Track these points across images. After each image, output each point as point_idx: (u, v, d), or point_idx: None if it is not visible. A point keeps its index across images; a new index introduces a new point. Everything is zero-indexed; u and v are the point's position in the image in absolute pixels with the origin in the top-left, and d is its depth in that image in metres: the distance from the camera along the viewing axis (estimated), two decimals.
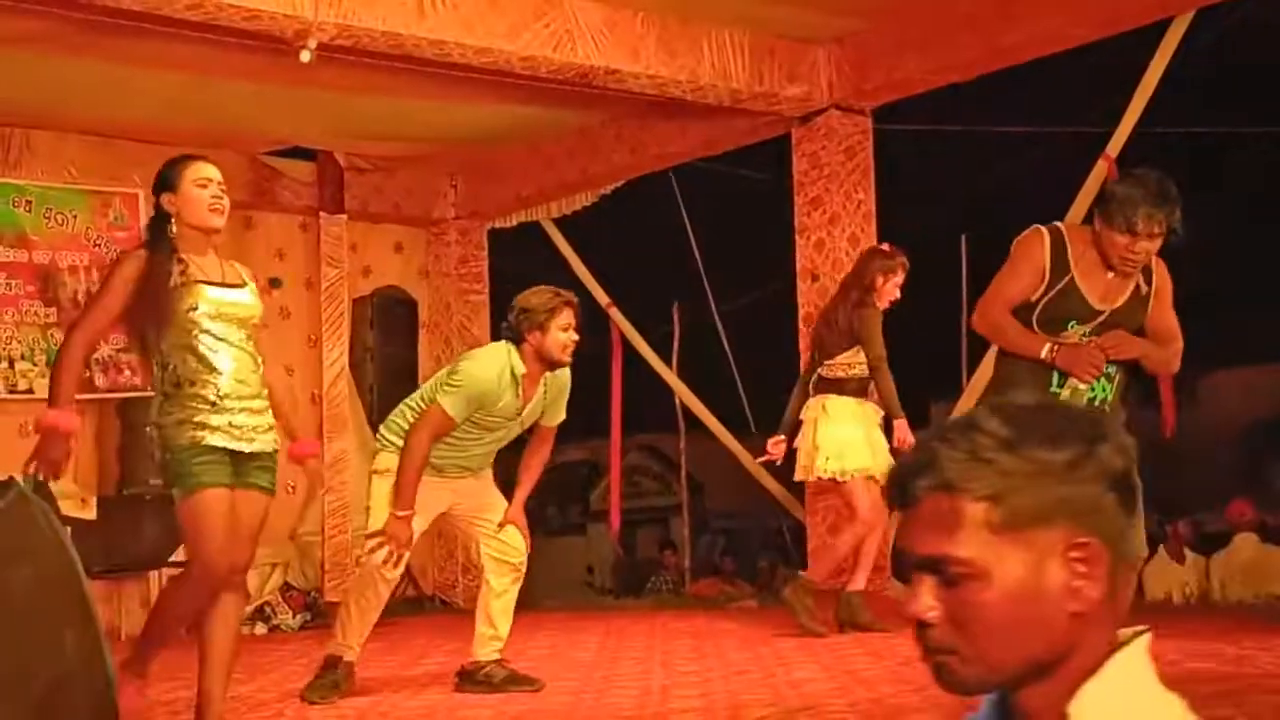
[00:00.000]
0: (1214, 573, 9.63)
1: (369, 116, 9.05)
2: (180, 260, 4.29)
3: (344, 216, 9.80)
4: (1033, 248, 4.27)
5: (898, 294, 6.85)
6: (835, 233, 8.42)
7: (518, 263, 11.45)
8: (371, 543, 5.34)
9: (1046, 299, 4.33)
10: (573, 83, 7.82)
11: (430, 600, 10.35)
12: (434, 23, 7.02)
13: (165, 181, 4.41)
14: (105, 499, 8.53)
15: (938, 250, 9.92)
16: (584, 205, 10.22)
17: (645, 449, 20.95)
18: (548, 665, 6.35)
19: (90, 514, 8.33)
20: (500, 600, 5.58)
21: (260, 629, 9.01)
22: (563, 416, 5.62)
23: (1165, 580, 9.43)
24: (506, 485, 5.71)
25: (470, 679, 5.51)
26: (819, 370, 6.88)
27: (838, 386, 6.82)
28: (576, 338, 5.36)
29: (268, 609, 9.14)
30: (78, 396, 7.35)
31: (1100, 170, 7.96)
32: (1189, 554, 10.08)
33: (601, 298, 10.36)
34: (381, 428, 5.56)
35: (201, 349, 4.26)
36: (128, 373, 8.84)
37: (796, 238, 8.63)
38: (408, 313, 10.53)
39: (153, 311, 4.25)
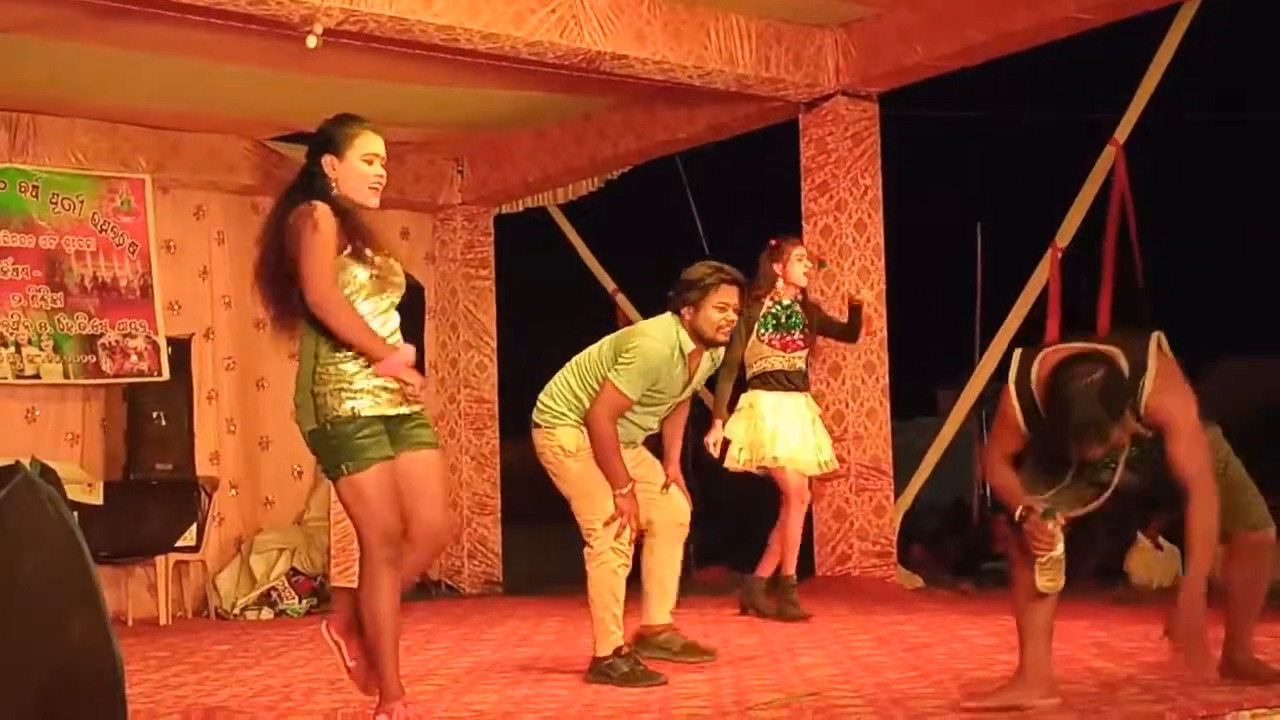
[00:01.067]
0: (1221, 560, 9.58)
1: (375, 102, 9.02)
2: (374, 239, 4.20)
3: None
4: (1005, 408, 4.12)
5: (803, 278, 7.16)
6: (842, 219, 8.41)
7: (524, 249, 11.47)
8: (600, 530, 5.17)
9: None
10: (579, 68, 7.81)
11: (436, 586, 10.36)
12: (441, 8, 7.01)
13: (331, 142, 4.19)
14: (112, 484, 8.55)
15: (946, 237, 9.91)
16: (590, 191, 10.21)
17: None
18: (554, 651, 6.36)
19: (97, 499, 8.35)
20: (672, 563, 5.55)
21: (266, 614, 9.03)
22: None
23: (1148, 567, 9.40)
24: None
25: (648, 645, 5.46)
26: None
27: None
28: (734, 318, 5.23)
29: (274, 594, 9.15)
30: (85, 382, 7.37)
31: (1109, 155, 7.94)
32: (1165, 543, 10.00)
33: (607, 284, 10.36)
34: (543, 397, 5.38)
35: (365, 308, 4.14)
36: (134, 358, 8.86)
37: (803, 224, 8.62)
38: (414, 299, 10.45)
39: (359, 259, 4.11)
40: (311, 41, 6.99)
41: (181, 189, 9.52)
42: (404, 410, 4.18)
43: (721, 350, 5.42)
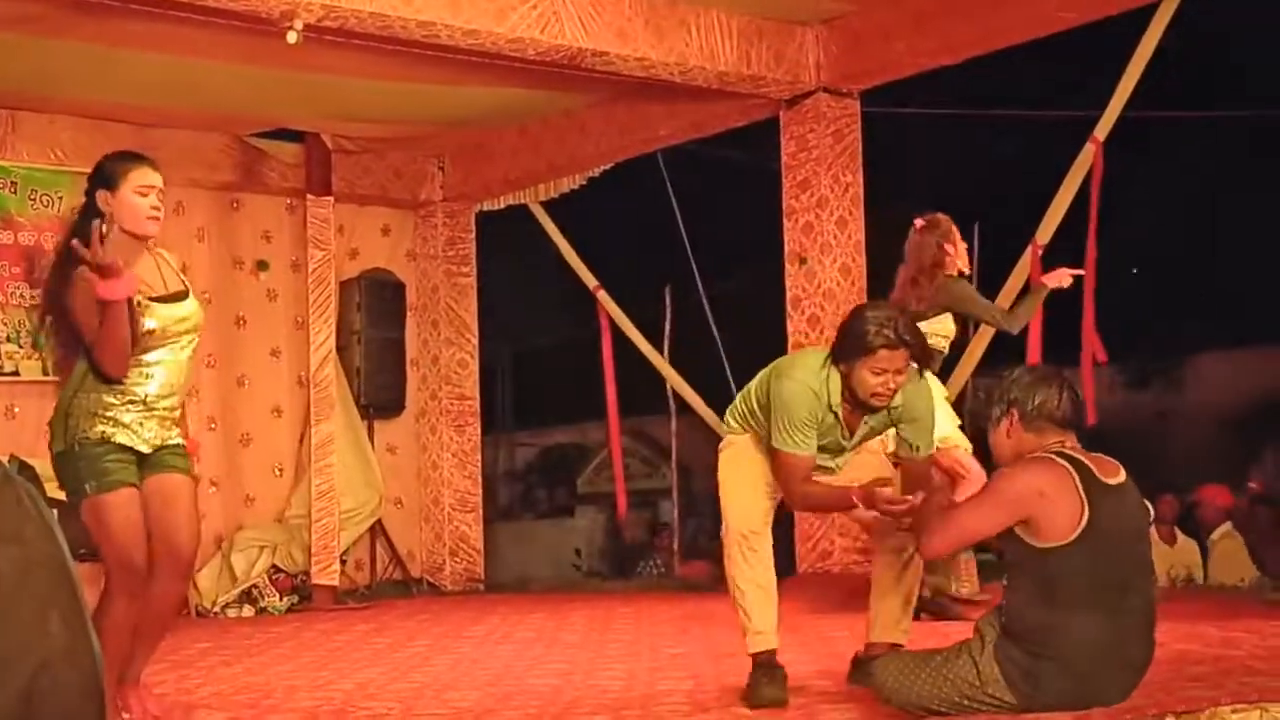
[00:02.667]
0: (1216, 557, 9.64)
1: (356, 98, 9.02)
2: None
3: (331, 198, 9.76)
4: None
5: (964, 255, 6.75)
6: (823, 215, 8.42)
7: (505, 245, 11.47)
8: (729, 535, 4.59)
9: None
10: (560, 65, 7.80)
11: (418, 583, 10.36)
12: (421, 4, 7.00)
13: (105, 178, 4.23)
14: None
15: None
16: (572, 188, 10.20)
17: (632, 432, 20.94)
18: (535, 648, 6.36)
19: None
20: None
21: (248, 611, 9.01)
22: (928, 445, 4.55)
23: (1157, 562, 9.45)
24: None
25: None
26: None
27: None
28: (894, 385, 4.31)
29: (255, 591, 9.13)
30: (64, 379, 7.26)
31: (1088, 153, 7.96)
32: (1180, 536, 10.10)
33: (589, 280, 10.35)
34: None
35: (142, 364, 4.15)
36: None
37: (784, 220, 8.62)
38: (395, 295, 10.51)
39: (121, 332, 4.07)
40: (292, 37, 6.97)
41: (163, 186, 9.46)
42: (155, 447, 4.19)
43: (913, 390, 4.47)
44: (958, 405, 6.93)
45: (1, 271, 8.61)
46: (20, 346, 8.60)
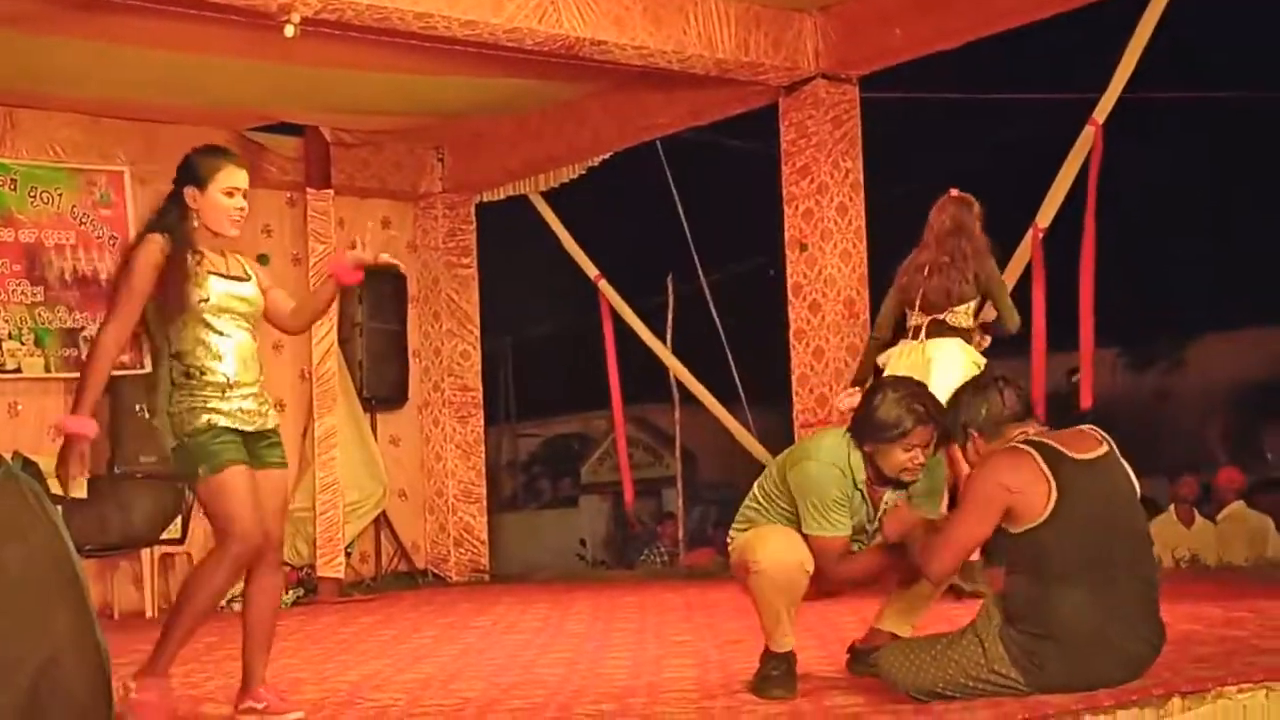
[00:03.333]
0: (1216, 538, 9.65)
1: (354, 91, 9.01)
2: (197, 251, 4.30)
3: (331, 191, 9.76)
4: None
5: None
6: (823, 202, 8.41)
7: (506, 236, 11.46)
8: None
9: None
10: (558, 54, 7.80)
11: (423, 575, 10.37)
12: None
13: (194, 175, 4.35)
14: (96, 478, 8.50)
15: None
16: (571, 178, 10.19)
17: (635, 420, 20.96)
18: (540, 637, 6.37)
19: (81, 493, 8.28)
20: None
21: None
22: (937, 510, 4.53)
23: (1169, 543, 9.46)
24: None
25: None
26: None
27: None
28: (923, 459, 4.28)
29: None
30: (67, 375, 7.44)
31: (1088, 136, 7.95)
32: (1198, 518, 10.06)
33: (590, 270, 10.35)
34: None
35: (209, 339, 4.28)
36: None
37: (785, 207, 8.62)
38: (396, 287, 10.51)
39: (174, 300, 4.23)
40: (289, 30, 6.96)
41: (161, 181, 9.40)
42: (258, 428, 4.38)
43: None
44: None
45: (2, 269, 8.60)
46: (22, 344, 8.60)
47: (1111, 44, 7.91)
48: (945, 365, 6.47)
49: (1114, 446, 3.98)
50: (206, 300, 4.26)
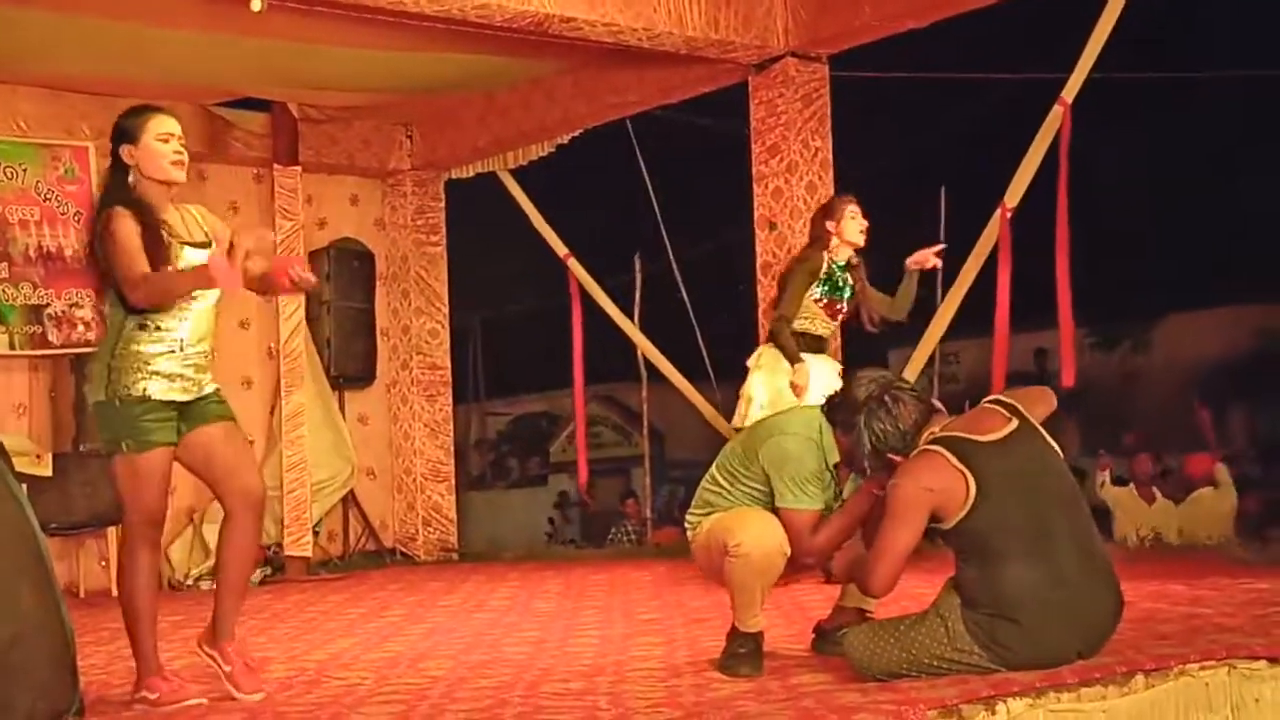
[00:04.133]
0: (1180, 519, 9.71)
1: (322, 66, 8.95)
2: (162, 220, 4.31)
3: (298, 168, 9.70)
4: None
5: (859, 236, 6.95)
6: (793, 181, 8.40)
7: (475, 214, 11.43)
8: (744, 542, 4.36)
9: None
10: (528, 31, 7.76)
11: (391, 553, 10.36)
12: None
13: (125, 133, 4.37)
14: (61, 456, 8.47)
15: (894, 198, 9.91)
16: (541, 155, 10.16)
17: (604, 399, 20.99)
18: (509, 616, 6.37)
19: (46, 471, 8.27)
20: None
21: None
22: None
23: (1132, 520, 9.54)
24: None
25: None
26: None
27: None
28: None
29: None
30: (31, 353, 7.43)
31: (1055, 116, 7.97)
32: (1159, 496, 10.13)
33: (559, 248, 10.32)
34: (689, 514, 4.68)
35: (178, 308, 4.28)
36: (81, 328, 8.76)
37: (754, 186, 8.61)
38: (365, 265, 10.47)
39: (155, 265, 4.22)
40: (256, 5, 6.91)
41: None
42: (195, 396, 4.36)
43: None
44: (927, 370, 7.02)
45: None
46: None
47: (1080, 23, 7.92)
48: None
49: (1025, 417, 4.02)
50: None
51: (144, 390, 4.23)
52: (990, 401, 4.15)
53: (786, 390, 6.79)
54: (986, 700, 3.54)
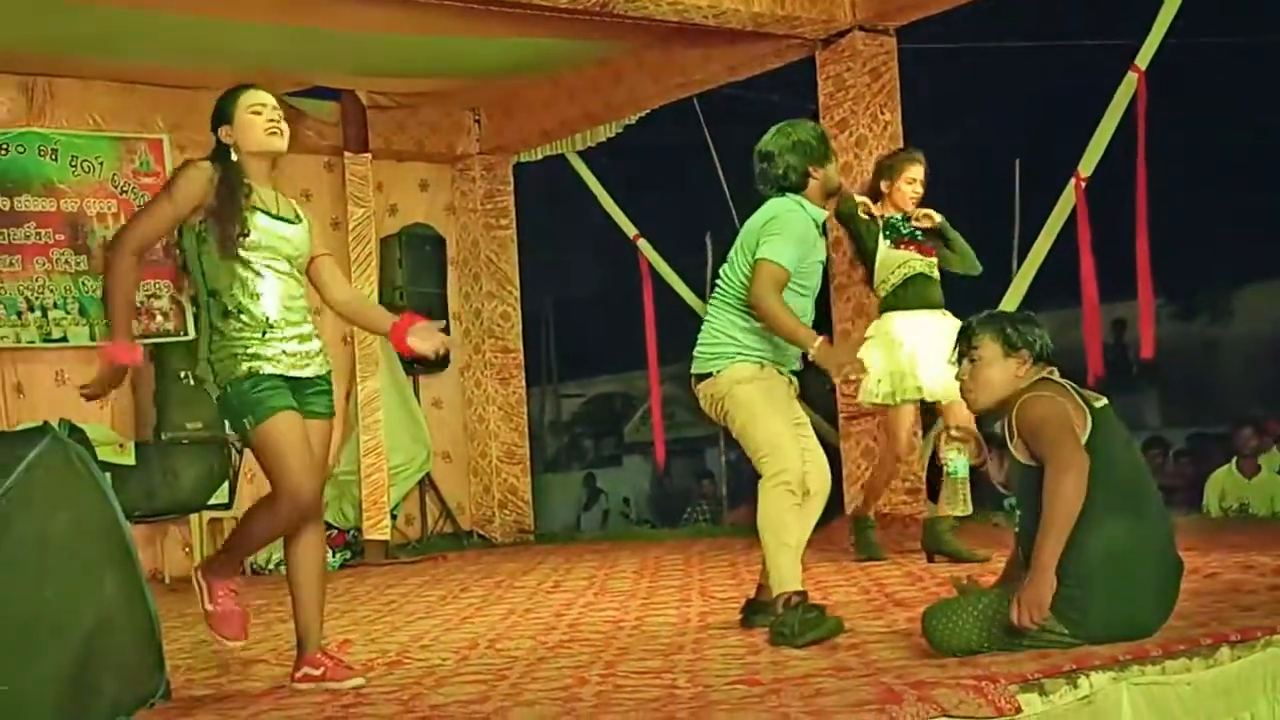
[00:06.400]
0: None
1: (390, 54, 9.00)
2: (246, 184, 4.26)
3: (368, 155, 9.76)
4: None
5: (909, 203, 6.81)
6: (862, 155, 8.34)
7: (544, 197, 11.45)
8: (770, 456, 4.73)
9: None
10: (592, 12, 7.75)
11: (469, 536, 10.42)
12: None
13: (220, 114, 4.35)
14: (143, 444, 8.59)
15: (971, 171, 9.84)
16: (608, 137, 10.15)
17: (677, 380, 20.95)
18: (586, 597, 6.39)
19: (129, 459, 8.39)
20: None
21: None
22: None
23: (1231, 494, 9.39)
24: None
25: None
26: None
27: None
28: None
29: None
30: None
31: (1129, 83, 7.85)
32: (1264, 469, 9.88)
33: (629, 229, 10.32)
34: (703, 346, 5.00)
35: (245, 275, 4.21)
36: (160, 318, 8.89)
37: None
38: (436, 250, 10.52)
39: (225, 225, 4.17)
40: None
41: (200, 148, 9.44)
42: (306, 374, 4.30)
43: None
44: None
45: (46, 239, 8.66)
46: (68, 313, 8.66)
47: None
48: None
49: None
50: (246, 235, 4.20)
51: (249, 369, 4.17)
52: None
53: (904, 361, 6.59)
54: (1069, 674, 3.50)
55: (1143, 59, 7.82)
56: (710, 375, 4.94)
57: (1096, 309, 8.16)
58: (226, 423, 4.41)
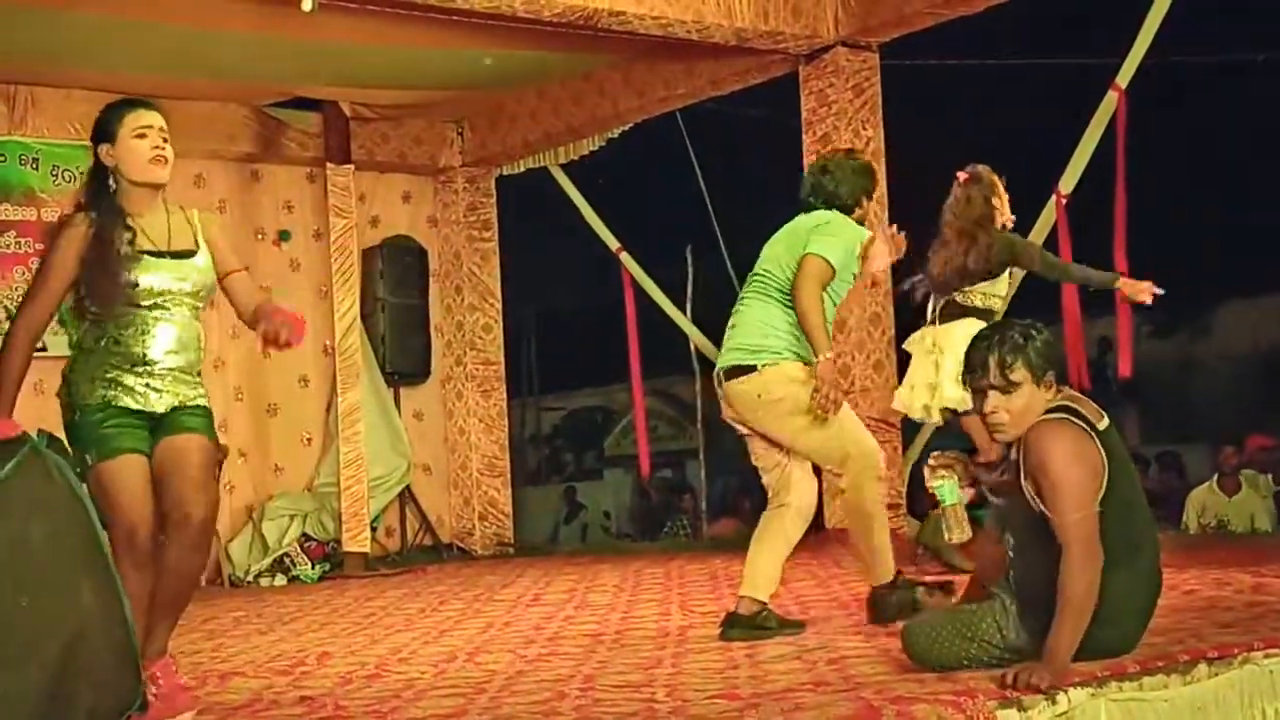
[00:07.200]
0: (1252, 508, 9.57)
1: (373, 65, 9.00)
2: (128, 227, 3.95)
3: (351, 167, 9.76)
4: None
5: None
6: None
7: (526, 209, 11.45)
8: (854, 455, 4.85)
9: None
10: (577, 25, 7.76)
11: (448, 548, 10.41)
12: None
13: (103, 131, 4.05)
14: None
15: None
16: (591, 150, 10.17)
17: (658, 393, 20.97)
18: (566, 610, 6.38)
19: None
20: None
21: (280, 580, 9.07)
22: None
23: (1210, 512, 9.42)
24: None
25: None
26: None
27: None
28: None
29: (287, 560, 9.19)
30: None
31: (1110, 101, 7.89)
32: (1244, 487, 9.88)
33: (611, 243, 10.33)
34: (747, 339, 5.01)
35: (140, 322, 3.95)
36: None
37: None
38: (418, 262, 10.51)
39: (102, 283, 3.90)
40: (307, 5, 6.95)
41: (180, 158, 9.11)
42: (169, 406, 3.98)
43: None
44: None
45: (25, 248, 8.63)
46: None
47: (1133, 6, 7.84)
48: (953, 350, 6.20)
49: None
50: (135, 286, 3.92)
51: (102, 398, 3.91)
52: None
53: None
54: (1047, 690, 3.51)
55: (1123, 77, 7.87)
56: (754, 369, 4.94)
57: (1079, 326, 8.19)
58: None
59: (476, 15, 7.56)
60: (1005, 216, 6.46)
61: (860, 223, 5.10)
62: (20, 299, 3.98)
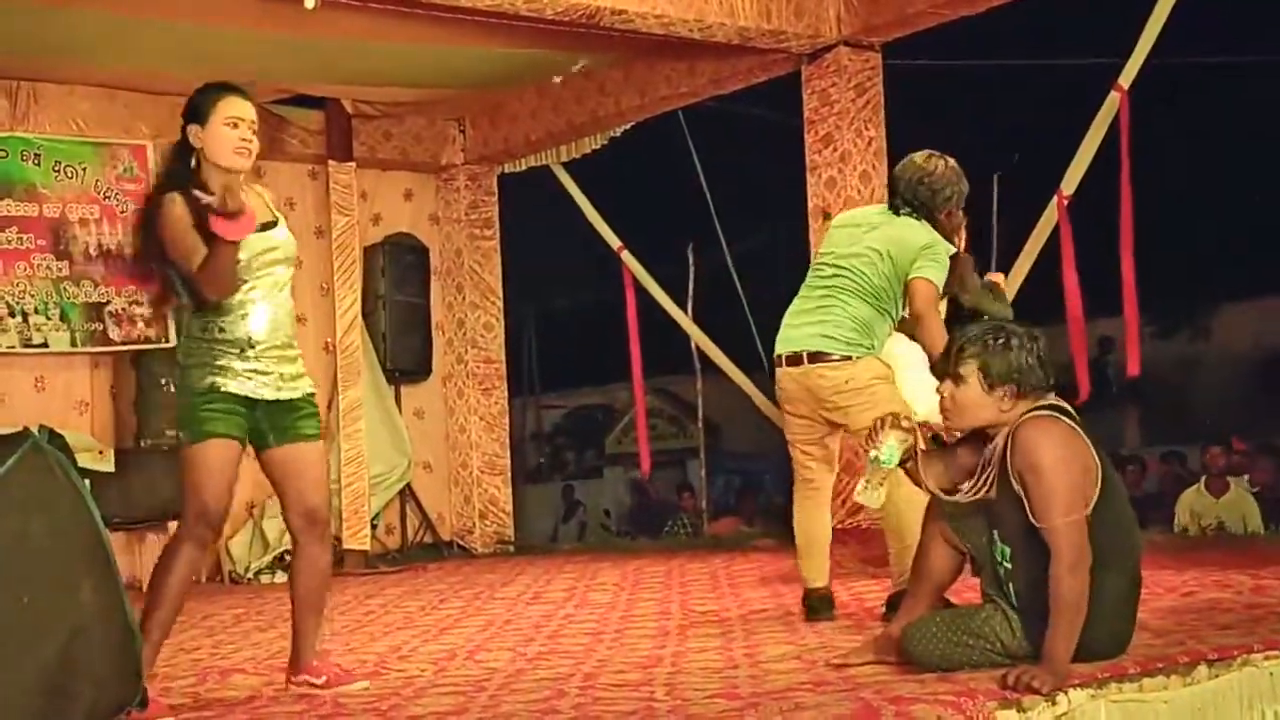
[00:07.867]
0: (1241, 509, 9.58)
1: (375, 62, 9.00)
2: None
3: (353, 164, 9.76)
4: None
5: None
6: (846, 170, 8.37)
7: (528, 208, 11.45)
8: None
9: None
10: (579, 24, 7.76)
11: (449, 546, 10.41)
12: None
13: (195, 112, 4.18)
14: (123, 451, 8.57)
15: None
16: (593, 148, 10.17)
17: (659, 392, 20.99)
18: (565, 608, 6.38)
19: (109, 466, 8.37)
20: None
21: (280, 577, 9.05)
22: None
23: (1200, 513, 9.42)
24: None
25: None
26: None
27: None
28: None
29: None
30: (93, 350, 7.37)
31: (1113, 102, 7.89)
32: (1233, 487, 9.89)
33: (613, 241, 10.33)
34: (834, 330, 5.17)
35: (238, 305, 4.12)
36: (141, 325, 8.86)
37: (807, 176, 8.58)
38: (419, 260, 10.52)
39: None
40: (309, 2, 6.95)
41: None
42: (284, 396, 4.19)
43: None
44: None
45: (28, 244, 8.63)
46: (48, 319, 8.64)
47: (1136, 9, 7.84)
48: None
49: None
50: (240, 262, 4.07)
51: (211, 384, 4.09)
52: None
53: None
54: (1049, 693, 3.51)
55: (1126, 78, 7.86)
56: (849, 359, 5.13)
57: (1083, 327, 8.19)
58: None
59: (479, 13, 7.56)
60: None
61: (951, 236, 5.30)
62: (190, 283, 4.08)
